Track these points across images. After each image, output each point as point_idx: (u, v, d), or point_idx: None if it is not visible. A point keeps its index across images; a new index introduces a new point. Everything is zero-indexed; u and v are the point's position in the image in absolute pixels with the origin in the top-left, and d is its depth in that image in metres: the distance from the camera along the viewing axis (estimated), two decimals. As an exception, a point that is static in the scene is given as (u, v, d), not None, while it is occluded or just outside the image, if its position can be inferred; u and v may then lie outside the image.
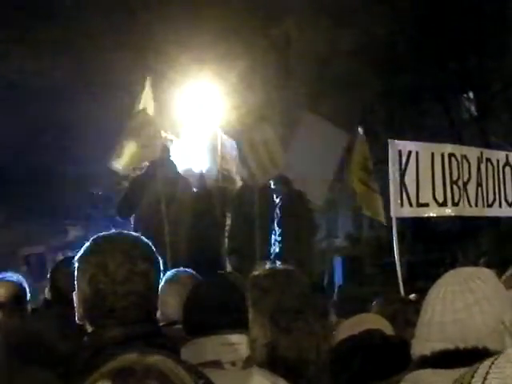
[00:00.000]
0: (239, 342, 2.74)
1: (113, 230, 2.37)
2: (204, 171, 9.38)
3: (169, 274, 4.45)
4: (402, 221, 15.54)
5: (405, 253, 13.21)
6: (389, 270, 7.30)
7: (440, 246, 14.71)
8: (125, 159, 7.61)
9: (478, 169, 6.52)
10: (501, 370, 1.25)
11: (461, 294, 2.11)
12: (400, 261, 6.85)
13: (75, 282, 2.27)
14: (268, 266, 3.61)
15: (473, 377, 1.27)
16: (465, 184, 6.36)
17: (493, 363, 1.27)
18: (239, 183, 9.24)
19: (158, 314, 4.08)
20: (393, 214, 6.29)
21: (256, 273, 3.54)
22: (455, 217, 16.32)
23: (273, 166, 7.88)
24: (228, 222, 8.98)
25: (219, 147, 10.22)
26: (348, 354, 2.87)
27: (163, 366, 1.22)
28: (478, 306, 2.08)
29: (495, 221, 15.61)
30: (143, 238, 2.36)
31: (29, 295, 4.68)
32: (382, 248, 14.27)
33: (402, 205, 6.16)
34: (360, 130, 9.27)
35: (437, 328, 2.09)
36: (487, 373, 1.25)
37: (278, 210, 8.94)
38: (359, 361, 2.77)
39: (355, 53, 20.74)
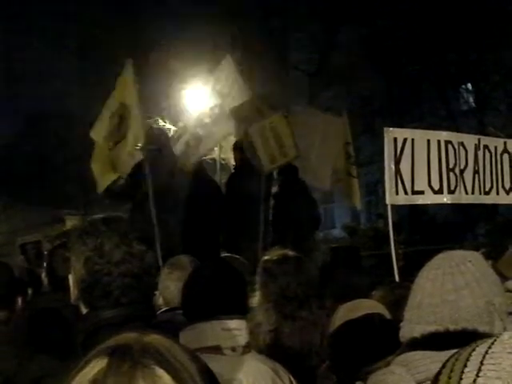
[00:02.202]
0: (239, 328, 2.74)
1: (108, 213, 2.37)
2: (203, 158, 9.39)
3: (170, 259, 4.46)
4: (399, 212, 15.60)
5: (402, 244, 13.24)
6: (386, 261, 7.29)
7: (437, 237, 14.73)
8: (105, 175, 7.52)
9: (476, 156, 6.45)
10: (497, 361, 1.17)
11: (451, 276, 2.11)
12: (397, 251, 6.82)
13: (70, 264, 2.28)
14: (278, 251, 3.60)
15: (466, 366, 1.19)
16: (461, 171, 6.30)
17: (487, 352, 1.19)
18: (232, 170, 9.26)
19: (161, 299, 4.11)
20: (388, 201, 6.22)
21: (267, 257, 3.53)
22: (453, 208, 16.44)
23: (281, 156, 7.86)
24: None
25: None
26: (348, 338, 2.87)
27: (160, 345, 1.22)
28: (468, 288, 2.08)
29: (492, 212, 15.63)
30: (139, 220, 2.38)
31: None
32: (379, 239, 14.28)
33: (397, 192, 6.10)
34: (344, 113, 9.28)
35: (426, 310, 2.09)
36: (481, 363, 1.18)
37: (278, 198, 8.95)
38: (359, 345, 2.77)
39: (355, 44, 20.74)
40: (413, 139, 6.11)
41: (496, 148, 6.74)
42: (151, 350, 1.20)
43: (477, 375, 1.16)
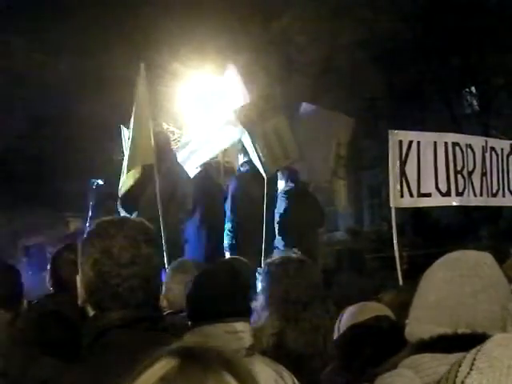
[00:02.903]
0: (243, 330, 2.75)
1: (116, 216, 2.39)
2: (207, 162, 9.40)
3: (174, 262, 4.47)
4: (403, 215, 15.57)
5: (405, 247, 13.24)
6: (389, 264, 7.28)
7: (441, 240, 14.71)
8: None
9: (483, 158, 6.44)
10: (487, 353, 1.23)
11: (469, 279, 2.07)
12: (401, 254, 6.82)
13: (79, 266, 2.28)
14: (281, 254, 3.59)
15: (460, 365, 1.26)
16: (470, 173, 6.28)
17: (479, 350, 1.26)
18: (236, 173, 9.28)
19: (164, 302, 4.11)
20: (392, 204, 6.20)
21: (269, 260, 3.52)
22: (456, 211, 16.42)
23: (284, 157, 7.87)
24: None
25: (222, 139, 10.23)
26: (358, 341, 2.85)
27: (228, 354, 1.24)
28: (485, 292, 2.05)
29: (495, 215, 15.62)
30: (147, 222, 2.38)
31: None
32: (383, 241, 14.29)
33: (401, 195, 6.06)
34: (343, 114, 9.30)
35: (441, 312, 2.06)
36: (474, 359, 1.24)
37: (281, 201, 8.95)
38: (370, 347, 2.75)
39: (357, 47, 20.74)
40: (418, 141, 6.08)
41: (502, 150, 6.73)
42: (220, 355, 1.21)
43: (470, 369, 1.20)
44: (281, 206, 8.99)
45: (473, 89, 21.32)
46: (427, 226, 17.17)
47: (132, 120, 7.46)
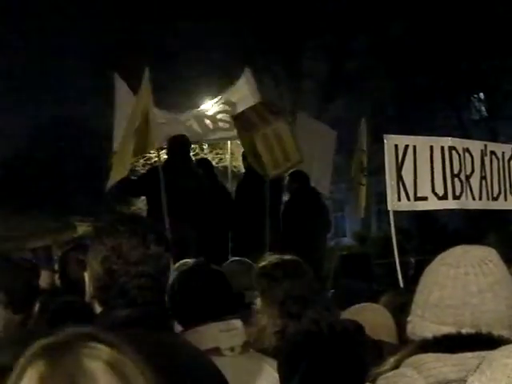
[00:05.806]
0: (236, 328, 2.79)
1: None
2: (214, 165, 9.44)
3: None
4: (410, 221, 15.49)
5: (412, 252, 13.21)
6: (396, 269, 7.27)
7: (448, 246, 14.68)
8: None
9: (482, 162, 6.42)
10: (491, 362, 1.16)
11: (475, 277, 2.01)
12: (408, 259, 6.84)
13: (87, 262, 2.29)
14: (274, 256, 3.61)
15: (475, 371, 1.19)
16: (467, 177, 6.27)
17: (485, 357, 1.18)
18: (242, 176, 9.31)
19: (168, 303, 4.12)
20: (390, 207, 6.26)
21: (263, 263, 3.54)
22: (464, 217, 16.36)
23: (285, 160, 7.88)
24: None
25: (229, 144, 10.27)
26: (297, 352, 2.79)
27: (49, 340, 1.27)
28: (491, 291, 2.01)
29: (504, 221, 15.58)
30: (157, 222, 2.39)
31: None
32: (390, 247, 14.24)
33: (399, 199, 6.11)
34: (363, 122, 9.33)
35: (446, 311, 2.02)
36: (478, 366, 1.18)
37: (288, 205, 8.97)
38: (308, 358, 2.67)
39: (368, 53, 20.77)
40: (414, 146, 6.12)
41: (503, 154, 6.72)
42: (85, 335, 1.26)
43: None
44: (289, 211, 9.00)
45: (481, 95, 21.31)
46: (434, 231, 17.14)
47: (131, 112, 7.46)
